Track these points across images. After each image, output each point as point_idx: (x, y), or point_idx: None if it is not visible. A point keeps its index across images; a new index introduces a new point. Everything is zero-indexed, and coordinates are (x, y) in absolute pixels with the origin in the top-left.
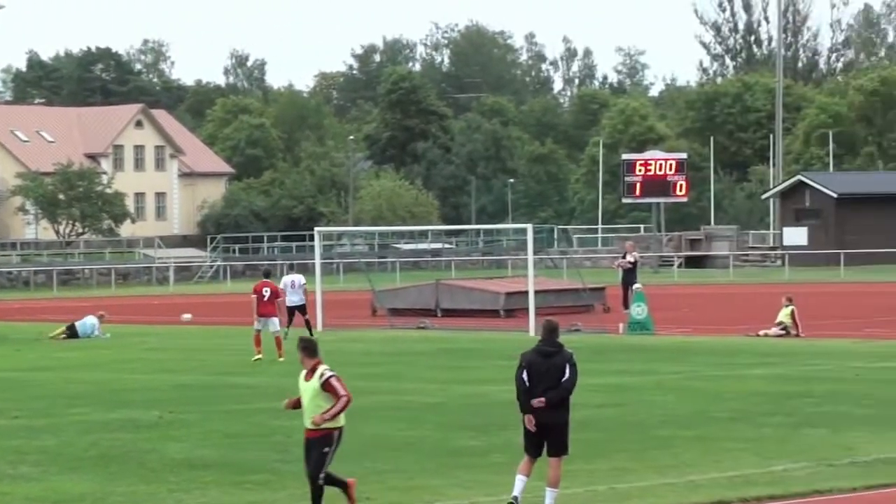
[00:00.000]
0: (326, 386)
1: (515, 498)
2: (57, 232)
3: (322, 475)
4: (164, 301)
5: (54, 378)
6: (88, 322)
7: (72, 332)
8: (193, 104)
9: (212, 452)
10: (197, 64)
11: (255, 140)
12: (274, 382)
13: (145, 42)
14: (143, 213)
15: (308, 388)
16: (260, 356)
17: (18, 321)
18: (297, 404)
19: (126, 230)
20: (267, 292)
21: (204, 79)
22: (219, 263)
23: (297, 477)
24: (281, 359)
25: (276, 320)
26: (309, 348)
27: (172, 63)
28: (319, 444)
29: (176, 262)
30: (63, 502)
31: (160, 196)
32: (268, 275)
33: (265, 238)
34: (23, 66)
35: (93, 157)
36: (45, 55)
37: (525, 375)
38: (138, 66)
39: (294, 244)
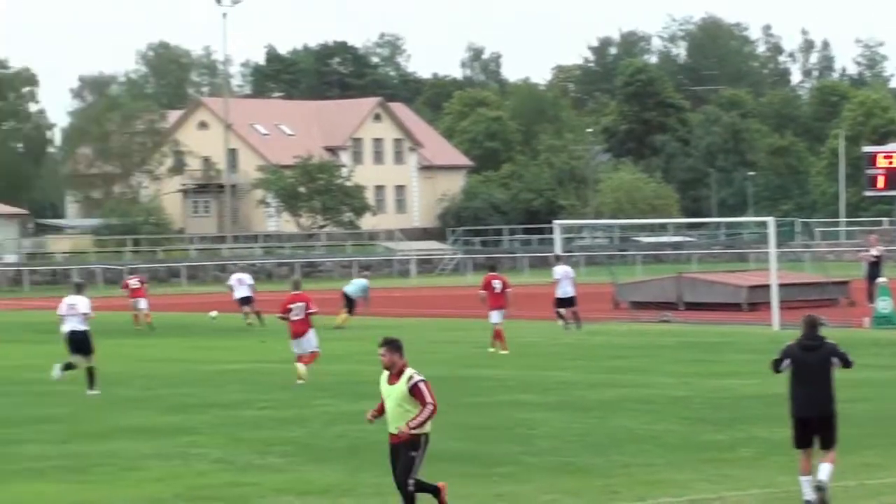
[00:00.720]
0: (414, 391)
1: (808, 502)
2: (298, 224)
3: (411, 481)
4: (405, 294)
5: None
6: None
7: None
8: (430, 97)
9: (457, 445)
10: (433, 57)
11: (493, 133)
12: (516, 375)
13: (382, 36)
14: (384, 205)
15: (393, 392)
16: (493, 349)
17: (262, 313)
18: (381, 411)
19: (367, 223)
20: (497, 285)
21: (440, 72)
22: (459, 256)
23: (543, 469)
24: (504, 352)
25: (502, 312)
26: (395, 348)
27: (409, 56)
28: (406, 449)
29: (417, 255)
30: (310, 493)
31: (400, 189)
32: (493, 269)
33: (505, 231)
34: (261, 60)
35: (332, 150)
36: (283, 49)
37: (783, 366)
38: (375, 60)
39: (534, 237)
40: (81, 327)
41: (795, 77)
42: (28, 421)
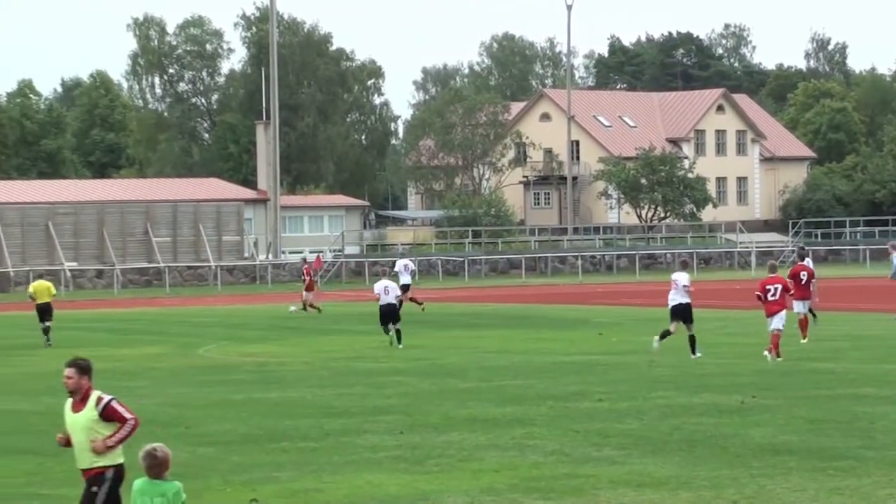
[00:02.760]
0: (108, 412)
1: None
2: (639, 216)
3: None
4: (745, 286)
5: (637, 361)
6: None
7: None
8: (774, 88)
9: (794, 438)
10: (778, 48)
11: (837, 124)
12: (856, 368)
13: (726, 27)
14: (725, 197)
15: (80, 420)
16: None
17: (601, 304)
18: (68, 442)
19: (707, 215)
20: (805, 276)
21: (785, 63)
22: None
23: (882, 464)
24: (803, 340)
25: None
26: (84, 369)
27: (753, 47)
28: (89, 483)
29: (758, 247)
30: (646, 485)
31: (741, 181)
32: (803, 257)
33: (847, 223)
34: (605, 51)
35: (674, 141)
36: (627, 40)
37: None
38: (719, 51)
39: (877, 229)
40: None
41: None
42: (365, 412)
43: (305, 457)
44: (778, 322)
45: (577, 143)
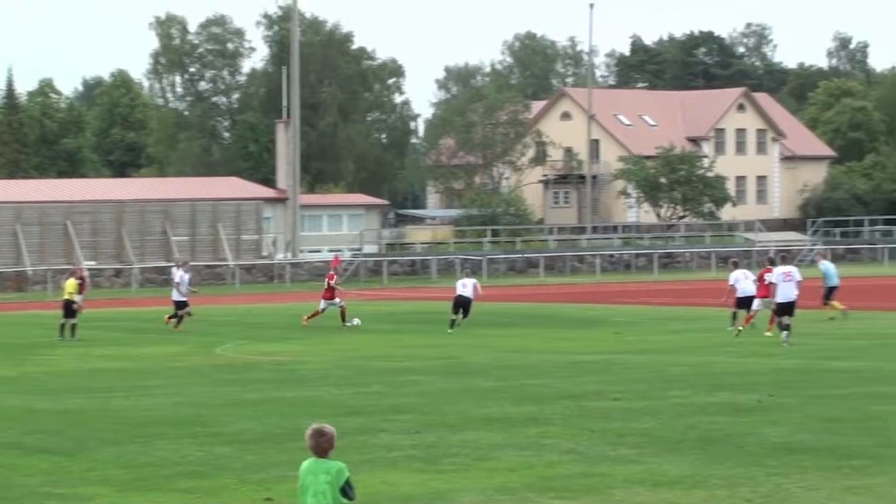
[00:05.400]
0: None
1: None
2: (658, 215)
3: None
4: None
5: (653, 360)
6: None
7: None
8: (795, 87)
9: (810, 437)
10: (799, 47)
11: (858, 123)
12: (872, 366)
13: (748, 25)
14: (744, 196)
15: None
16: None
17: (619, 304)
18: None
19: (727, 214)
20: (769, 277)
21: (806, 62)
22: (819, 247)
23: None
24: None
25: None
26: None
27: (775, 46)
28: None
29: (777, 246)
30: (661, 484)
31: (761, 179)
32: (773, 262)
33: (866, 222)
34: (626, 50)
35: (694, 140)
36: (648, 39)
37: None
38: (741, 50)
39: (895, 228)
40: None
41: None
42: (381, 410)
43: None
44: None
45: (598, 142)
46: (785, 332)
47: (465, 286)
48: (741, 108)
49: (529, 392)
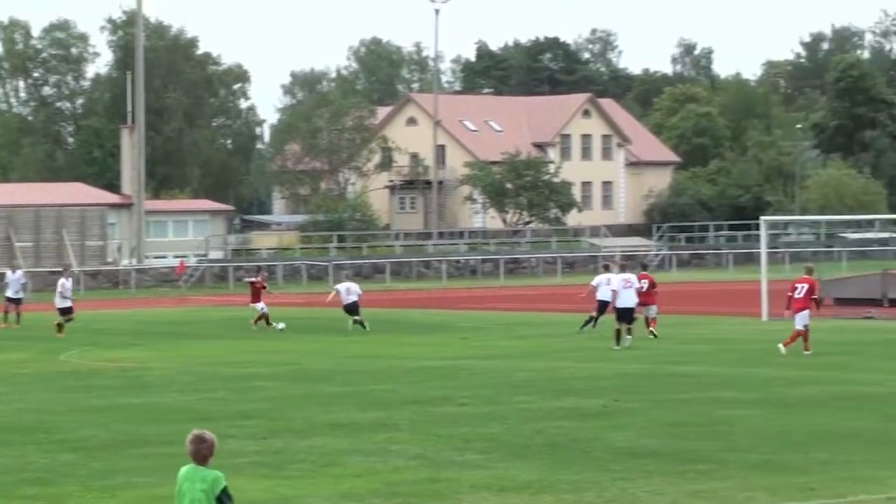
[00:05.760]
0: None
1: None
2: (504, 221)
3: None
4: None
5: (500, 366)
6: None
7: None
8: (640, 93)
9: (655, 441)
10: (644, 53)
11: (702, 129)
12: (717, 371)
13: (593, 31)
14: (590, 201)
15: None
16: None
17: (465, 309)
18: None
19: (572, 219)
20: (645, 283)
21: (651, 68)
22: (664, 252)
23: (741, 466)
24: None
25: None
26: None
27: (620, 52)
28: None
29: (622, 251)
30: (508, 490)
31: (606, 185)
32: (645, 267)
33: (711, 227)
34: (472, 56)
35: (540, 146)
36: (494, 45)
37: None
38: (586, 56)
39: (739, 233)
40: None
41: None
42: (228, 416)
43: (167, 462)
44: (800, 321)
45: (443, 147)
46: (629, 338)
47: (351, 291)
48: (586, 113)
49: (376, 397)
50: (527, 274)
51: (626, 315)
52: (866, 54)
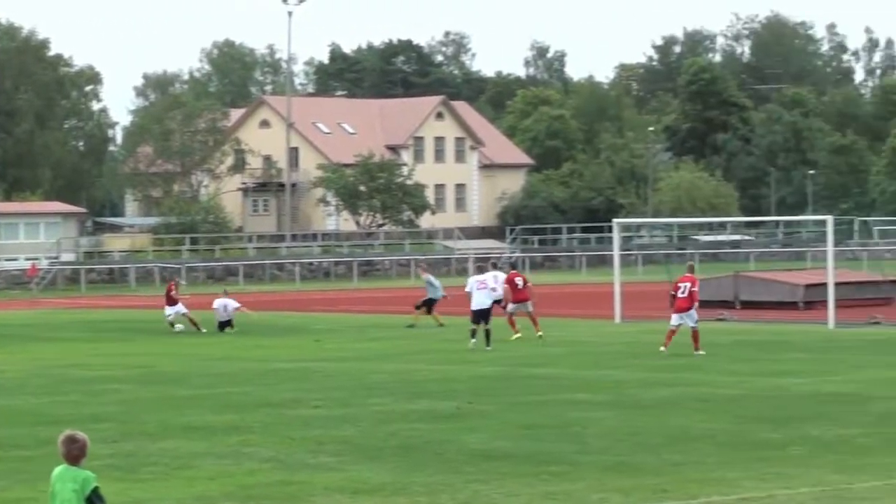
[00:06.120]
0: None
1: None
2: (357, 223)
3: None
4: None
5: (353, 368)
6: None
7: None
8: (494, 96)
9: (509, 443)
10: (497, 56)
11: (555, 131)
12: (571, 374)
13: (447, 34)
14: (443, 204)
15: None
16: (518, 335)
17: (319, 312)
18: None
19: (426, 221)
20: (520, 281)
21: (504, 70)
22: (518, 254)
23: (594, 468)
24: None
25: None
26: None
27: (473, 55)
28: None
29: (476, 254)
30: (362, 492)
31: (460, 187)
32: (515, 266)
33: (564, 229)
34: (325, 58)
35: (393, 148)
36: (348, 48)
37: None
38: (439, 58)
39: (592, 236)
40: None
41: (859, 76)
42: (80, 419)
43: (19, 466)
44: (677, 319)
45: (297, 150)
46: (473, 341)
47: (227, 309)
48: (440, 116)
49: (230, 400)
50: (380, 276)
51: (481, 316)
52: (718, 58)
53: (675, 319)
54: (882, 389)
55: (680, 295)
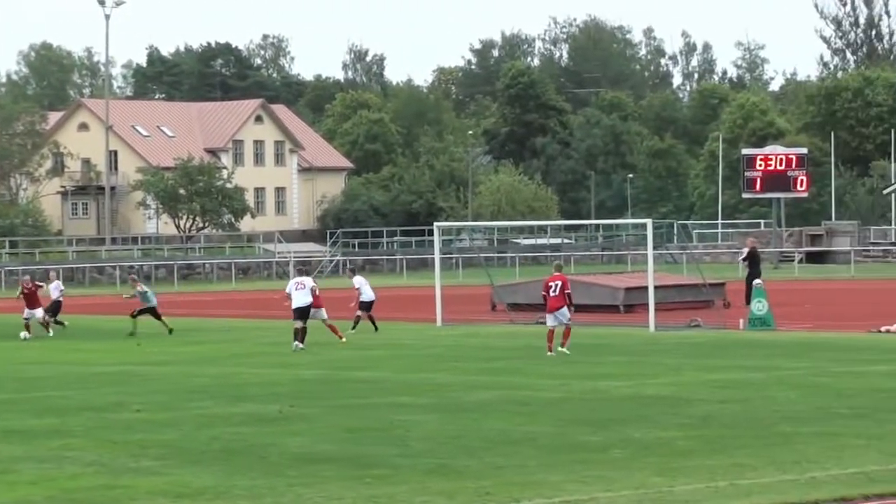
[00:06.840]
0: None
1: None
2: (177, 227)
3: None
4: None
5: (175, 372)
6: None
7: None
8: (312, 99)
9: (331, 447)
10: (316, 59)
11: (375, 135)
12: (392, 377)
13: (265, 37)
14: (263, 207)
15: None
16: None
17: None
18: None
19: (246, 225)
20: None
21: (323, 74)
22: (338, 258)
23: (417, 471)
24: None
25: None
26: None
27: (292, 58)
28: None
29: (296, 257)
30: (184, 496)
31: (280, 191)
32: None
33: (384, 233)
34: (143, 61)
35: (213, 152)
36: (165, 50)
37: None
38: (258, 62)
39: (413, 239)
40: None
41: (676, 80)
42: None
43: None
44: (552, 320)
45: (116, 153)
46: (296, 343)
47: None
48: (259, 119)
49: (50, 404)
50: (201, 280)
51: (303, 314)
52: (536, 62)
53: (550, 320)
54: (701, 392)
55: (552, 294)
